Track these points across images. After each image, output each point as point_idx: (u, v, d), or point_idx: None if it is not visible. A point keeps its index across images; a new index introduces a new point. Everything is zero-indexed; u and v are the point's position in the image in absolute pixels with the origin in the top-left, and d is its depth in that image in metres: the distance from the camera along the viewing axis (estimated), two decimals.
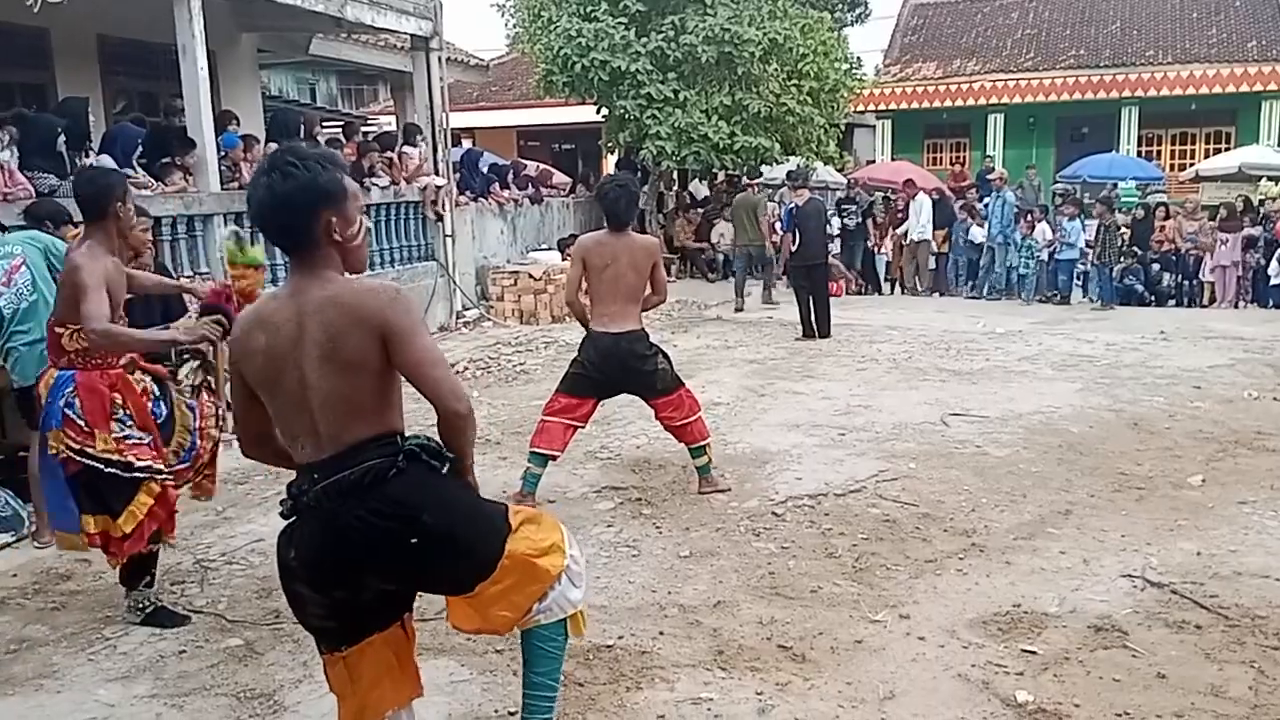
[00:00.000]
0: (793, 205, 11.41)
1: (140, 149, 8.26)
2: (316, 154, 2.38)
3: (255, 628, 4.03)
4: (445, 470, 2.44)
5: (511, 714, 3.26)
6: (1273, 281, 12.78)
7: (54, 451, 3.90)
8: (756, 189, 15.04)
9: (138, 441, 3.90)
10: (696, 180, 18.85)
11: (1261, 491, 5.38)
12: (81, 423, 3.83)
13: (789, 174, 12.62)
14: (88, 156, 7.66)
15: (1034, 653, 3.63)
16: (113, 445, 3.84)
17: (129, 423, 3.91)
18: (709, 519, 5.14)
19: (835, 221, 14.64)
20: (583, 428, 5.56)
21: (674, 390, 5.43)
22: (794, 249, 11.21)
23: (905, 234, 15.02)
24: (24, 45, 9.81)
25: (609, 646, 3.70)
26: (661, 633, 3.86)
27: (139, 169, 8.12)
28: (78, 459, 3.84)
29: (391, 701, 2.54)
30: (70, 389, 3.88)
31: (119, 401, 3.90)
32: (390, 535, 2.31)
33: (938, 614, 3.98)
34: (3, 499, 5.30)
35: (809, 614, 4.00)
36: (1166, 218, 14.30)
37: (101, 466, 3.81)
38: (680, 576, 4.42)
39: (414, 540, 2.32)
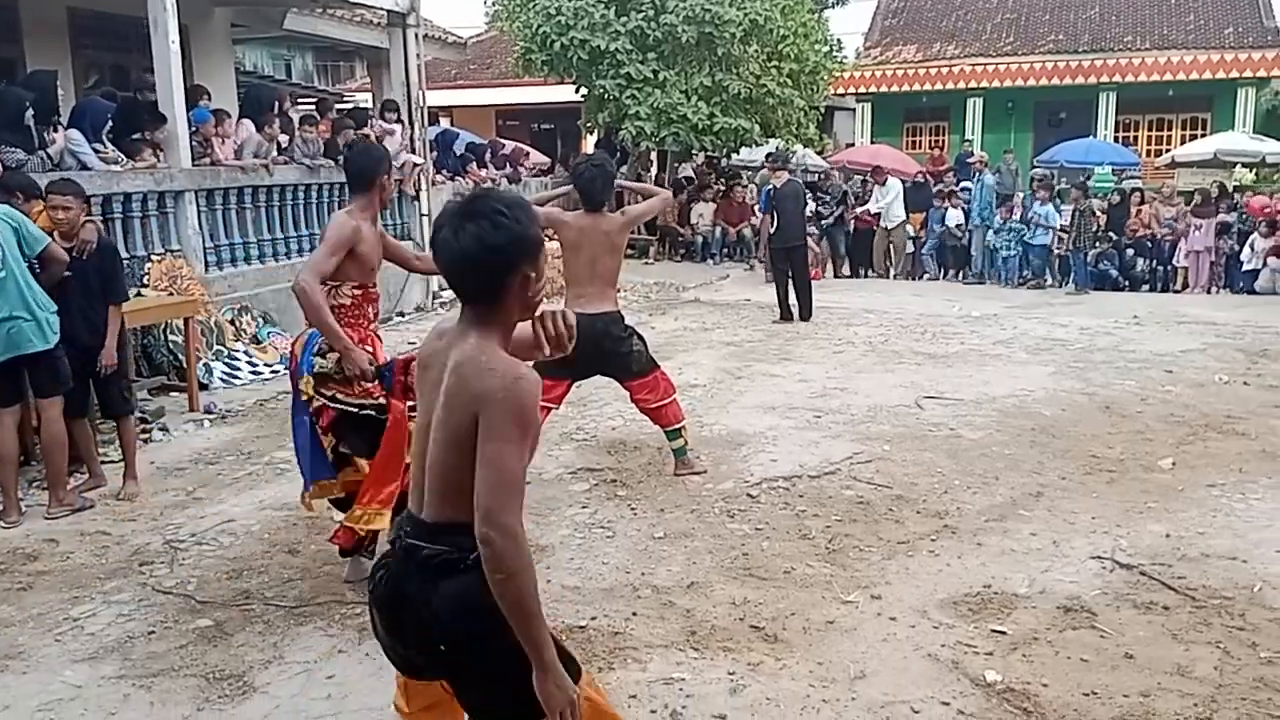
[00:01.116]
0: (770, 187, 11.38)
1: (110, 124, 8.13)
2: (510, 200, 2.18)
3: (225, 608, 4.00)
4: None
5: None
6: (1245, 267, 12.91)
7: (306, 398, 3.97)
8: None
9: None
10: (679, 163, 18.78)
11: (1230, 474, 5.44)
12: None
13: (768, 155, 12.58)
14: (56, 130, 7.53)
15: (1004, 633, 3.67)
16: (362, 389, 3.91)
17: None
18: (684, 500, 5.14)
19: (812, 205, 14.60)
20: (557, 409, 5.54)
21: (649, 372, 5.41)
22: (772, 231, 11.20)
23: (870, 215, 14.96)
24: None
25: (581, 627, 3.70)
26: (635, 613, 3.87)
27: (108, 144, 8.00)
28: (331, 406, 3.93)
29: None
30: (321, 340, 3.96)
31: (369, 353, 4.00)
32: (427, 625, 2.15)
33: (909, 595, 4.00)
34: None
35: (782, 595, 4.02)
36: (1142, 203, 14.39)
37: (355, 410, 3.91)
38: (654, 558, 4.43)
39: (442, 646, 2.15)
